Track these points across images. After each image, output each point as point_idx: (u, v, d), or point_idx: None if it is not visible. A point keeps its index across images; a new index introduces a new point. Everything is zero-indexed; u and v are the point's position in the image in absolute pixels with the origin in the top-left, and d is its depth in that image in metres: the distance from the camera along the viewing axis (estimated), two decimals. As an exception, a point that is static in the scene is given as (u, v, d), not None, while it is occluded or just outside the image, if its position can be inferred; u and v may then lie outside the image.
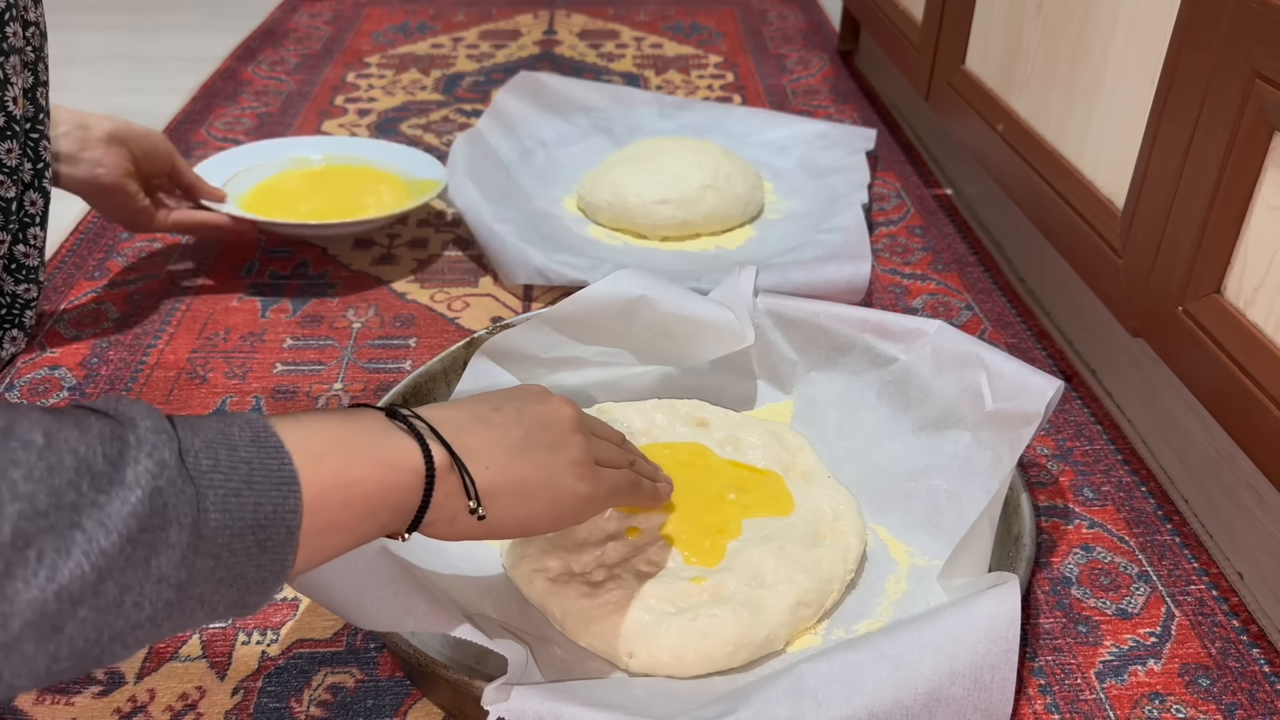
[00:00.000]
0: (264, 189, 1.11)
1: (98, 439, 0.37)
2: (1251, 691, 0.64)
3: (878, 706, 0.53)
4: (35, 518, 0.34)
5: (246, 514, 0.41)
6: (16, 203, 0.67)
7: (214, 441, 0.41)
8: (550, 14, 1.84)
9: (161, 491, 0.38)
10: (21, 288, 0.68)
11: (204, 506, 0.39)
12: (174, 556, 0.38)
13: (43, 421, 0.36)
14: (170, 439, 0.39)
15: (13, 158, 0.66)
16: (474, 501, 0.51)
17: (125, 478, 0.37)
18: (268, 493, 0.42)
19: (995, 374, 0.71)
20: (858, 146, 1.24)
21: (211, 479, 0.40)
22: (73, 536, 0.35)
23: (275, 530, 0.42)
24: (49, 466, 0.35)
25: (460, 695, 0.57)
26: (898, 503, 0.73)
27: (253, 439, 0.43)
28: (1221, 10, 0.65)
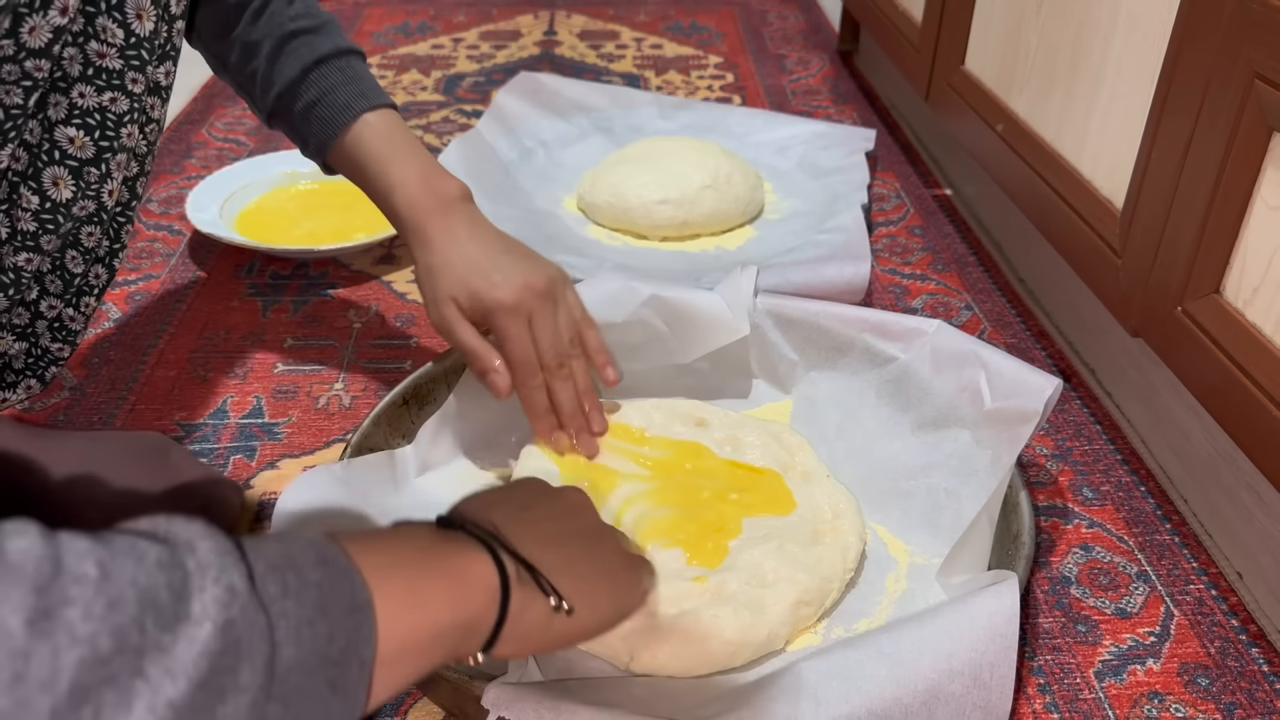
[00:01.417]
0: (259, 210, 1.12)
1: (156, 567, 0.32)
2: (1250, 691, 0.64)
3: (877, 704, 0.54)
4: (96, 666, 0.29)
5: (320, 647, 0.35)
6: (81, 276, 0.67)
7: (278, 563, 0.35)
8: (550, 15, 1.84)
9: (234, 624, 0.32)
10: (56, 346, 0.69)
11: (277, 640, 0.33)
12: (243, 703, 0.32)
13: (92, 551, 0.30)
14: (237, 560, 0.34)
15: (92, 240, 0.66)
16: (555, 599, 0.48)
17: (191, 611, 0.31)
18: (340, 621, 0.36)
19: (994, 373, 0.71)
20: (857, 147, 1.24)
21: (282, 607, 0.34)
22: (134, 688, 0.29)
23: (348, 666, 0.36)
24: (109, 602, 0.30)
25: (461, 695, 0.57)
26: (897, 501, 0.74)
27: (318, 559, 0.37)
28: (1221, 11, 0.65)
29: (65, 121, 0.61)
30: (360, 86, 0.73)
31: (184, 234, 1.12)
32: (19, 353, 0.68)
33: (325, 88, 0.72)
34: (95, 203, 0.64)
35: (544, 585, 0.48)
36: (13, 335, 0.67)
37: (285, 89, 0.73)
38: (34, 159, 0.61)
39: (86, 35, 0.59)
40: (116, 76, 0.61)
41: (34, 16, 0.55)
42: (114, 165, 0.63)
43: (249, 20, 0.73)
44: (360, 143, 0.72)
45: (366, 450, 0.73)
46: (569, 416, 0.72)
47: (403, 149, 0.72)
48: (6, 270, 0.62)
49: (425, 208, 0.71)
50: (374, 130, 0.72)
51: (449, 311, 0.70)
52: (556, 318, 0.71)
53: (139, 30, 0.61)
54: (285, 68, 0.72)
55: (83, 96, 0.61)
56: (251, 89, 0.75)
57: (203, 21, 0.75)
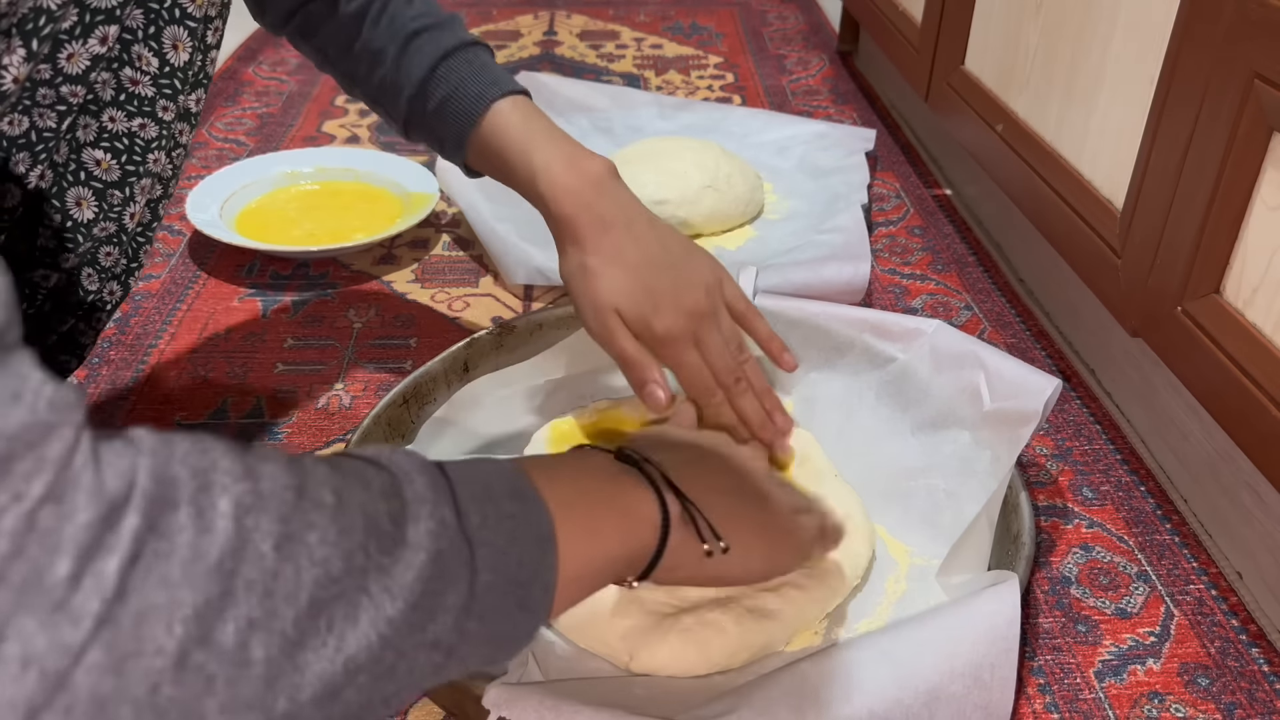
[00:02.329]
0: (259, 210, 1.12)
1: (380, 495, 0.36)
2: (1250, 691, 0.64)
3: (878, 705, 0.54)
4: (329, 584, 0.32)
5: (510, 572, 0.39)
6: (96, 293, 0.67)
7: (480, 495, 0.40)
8: (550, 15, 1.84)
9: (444, 554, 0.36)
10: (63, 358, 0.69)
11: (477, 566, 0.37)
12: (449, 621, 0.36)
13: (330, 479, 0.34)
14: (447, 496, 0.38)
15: (109, 259, 0.66)
16: (711, 543, 0.52)
17: (409, 538, 0.35)
18: (529, 549, 0.41)
19: (994, 373, 0.71)
20: (857, 147, 1.24)
21: (483, 536, 0.38)
22: (360, 603, 0.33)
23: (534, 588, 0.41)
24: (341, 529, 0.33)
25: (461, 695, 0.57)
26: (897, 502, 0.74)
27: (511, 491, 0.41)
28: (1221, 11, 0.65)
29: (94, 144, 0.61)
30: (491, 75, 0.71)
31: (184, 234, 1.12)
32: None
33: (455, 81, 0.70)
34: (116, 224, 0.64)
35: (700, 527, 0.52)
36: None
37: (416, 90, 0.71)
38: (59, 178, 0.61)
39: (121, 62, 0.59)
40: (148, 104, 0.61)
41: (74, 44, 0.55)
42: (138, 189, 0.63)
43: (370, 27, 0.71)
44: (497, 131, 0.70)
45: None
46: (759, 427, 0.71)
47: (541, 132, 0.70)
48: (23, 285, 0.62)
49: (573, 190, 0.68)
50: (510, 117, 0.70)
51: (611, 321, 0.67)
52: (722, 330, 0.70)
53: (174, 60, 0.61)
54: (413, 67, 0.71)
55: (113, 121, 0.61)
56: (383, 98, 0.73)
57: (325, 40, 0.74)
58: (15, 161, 0.57)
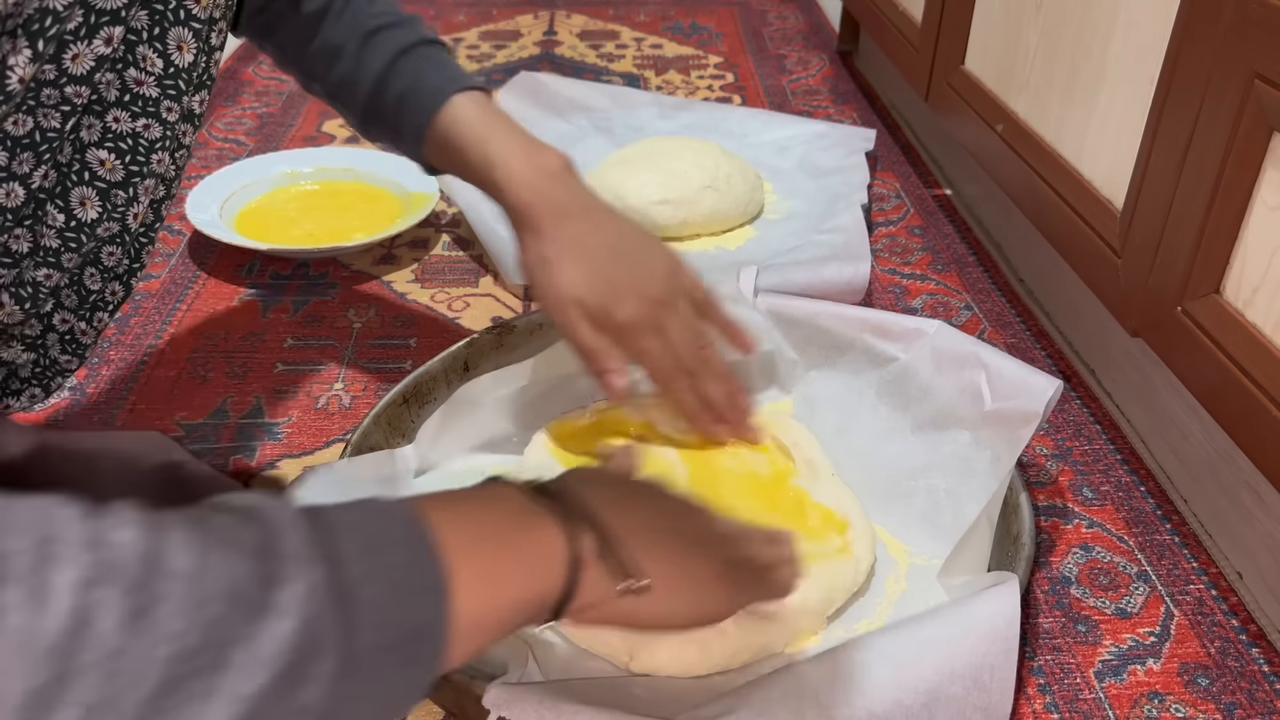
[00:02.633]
0: (259, 210, 1.12)
1: (248, 557, 0.33)
2: (1251, 691, 0.64)
3: (877, 706, 0.54)
4: (182, 660, 0.30)
5: (396, 628, 0.37)
6: (98, 293, 0.67)
7: (363, 545, 0.37)
8: (550, 15, 1.84)
9: (316, 619, 0.34)
10: (64, 358, 0.69)
11: (355, 626, 0.35)
12: (321, 687, 0.34)
13: (190, 543, 0.32)
14: (323, 554, 0.35)
15: (112, 259, 0.66)
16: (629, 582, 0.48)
17: (278, 603, 0.33)
18: (417, 602, 0.38)
19: (994, 373, 0.71)
20: (857, 147, 1.24)
21: (363, 593, 0.36)
22: (218, 678, 0.31)
23: (423, 644, 0.38)
24: (198, 599, 0.31)
25: (462, 695, 0.57)
26: (897, 502, 0.74)
27: (402, 538, 0.39)
28: (1221, 11, 0.65)
29: (98, 144, 0.61)
30: (449, 71, 0.72)
31: (184, 234, 1.12)
32: (26, 363, 0.68)
33: (413, 76, 0.71)
34: (120, 224, 0.64)
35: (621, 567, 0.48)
36: (22, 346, 0.67)
37: (374, 85, 0.71)
38: (63, 178, 0.61)
39: (126, 62, 0.59)
40: (152, 104, 0.61)
41: (78, 44, 0.55)
42: (142, 190, 0.63)
43: (330, 24, 0.72)
44: (455, 124, 0.70)
45: (366, 449, 0.73)
46: (725, 410, 0.72)
47: (499, 125, 0.70)
48: (25, 284, 0.62)
49: (530, 183, 0.68)
50: (468, 110, 0.70)
51: (573, 312, 0.68)
52: (683, 317, 0.70)
53: (178, 61, 0.61)
54: (372, 62, 0.71)
55: (117, 121, 0.61)
56: (342, 93, 0.74)
57: (285, 38, 0.74)
58: (19, 161, 0.57)
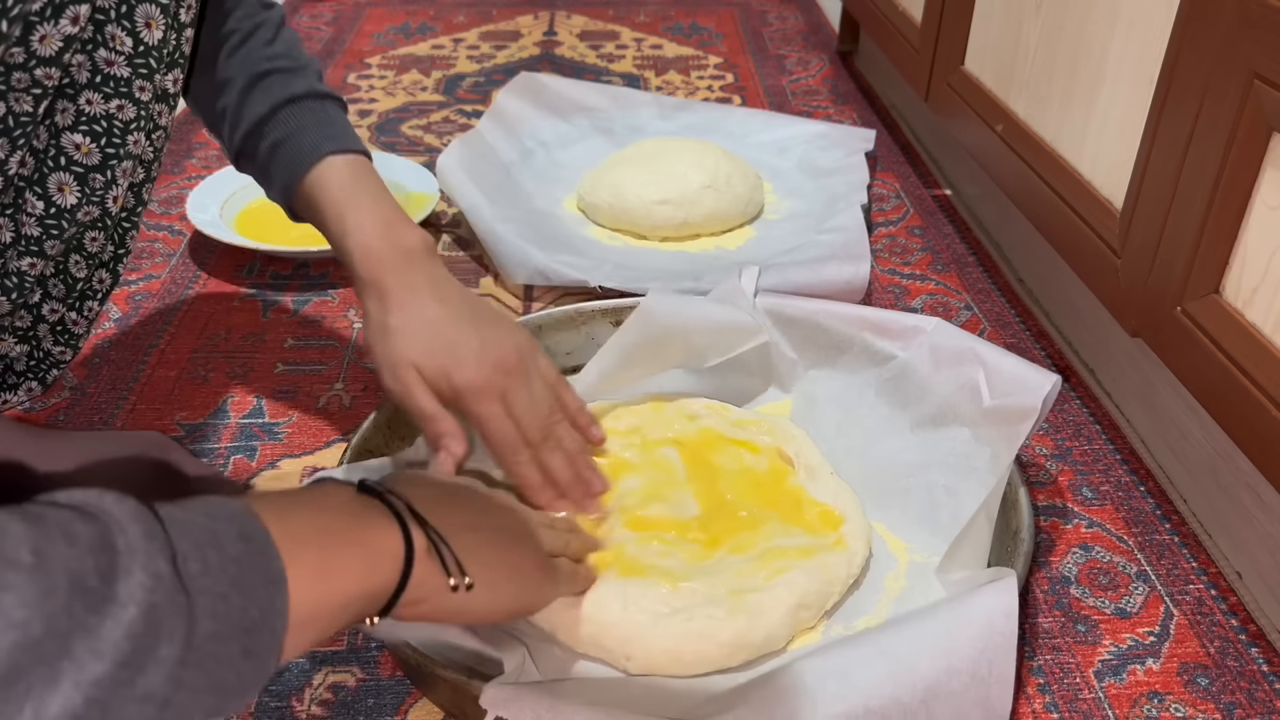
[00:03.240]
0: (259, 210, 1.12)
1: (88, 550, 0.34)
2: (1250, 690, 0.64)
3: (876, 702, 0.54)
4: (27, 649, 0.31)
5: (234, 619, 0.38)
6: (84, 280, 0.67)
7: (202, 541, 0.38)
8: (550, 15, 1.84)
9: (156, 607, 0.35)
10: (58, 349, 0.69)
11: (195, 615, 0.36)
12: (162, 673, 0.35)
13: (28, 537, 0.33)
14: (163, 545, 0.36)
15: (95, 245, 0.66)
16: (456, 578, 0.50)
17: (118, 594, 0.34)
18: (255, 594, 0.39)
19: (993, 370, 0.71)
20: (857, 147, 1.24)
21: (202, 584, 0.37)
22: (61, 666, 0.32)
23: (261, 635, 0.39)
24: (41, 590, 0.32)
25: (460, 695, 0.57)
26: (896, 499, 0.74)
27: (239, 534, 0.40)
28: (1221, 11, 0.65)
29: (72, 128, 0.61)
30: (331, 130, 0.70)
31: (184, 234, 1.12)
32: (20, 355, 0.68)
33: (294, 127, 0.69)
34: (100, 208, 0.64)
35: (446, 562, 0.50)
36: (14, 338, 0.67)
37: (253, 126, 0.69)
38: (40, 164, 0.61)
39: (95, 43, 0.59)
40: (124, 84, 0.61)
41: (45, 25, 0.55)
42: (120, 172, 0.63)
43: (225, 57, 0.70)
44: (321, 186, 0.68)
45: (366, 451, 0.73)
46: (569, 486, 0.68)
47: (365, 195, 0.68)
48: (9, 274, 0.62)
49: (380, 257, 0.66)
50: (338, 174, 0.68)
51: (408, 376, 0.65)
52: (532, 389, 0.67)
53: (148, 39, 0.61)
54: (255, 104, 0.69)
55: (90, 104, 0.61)
56: (221, 126, 0.72)
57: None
58: None
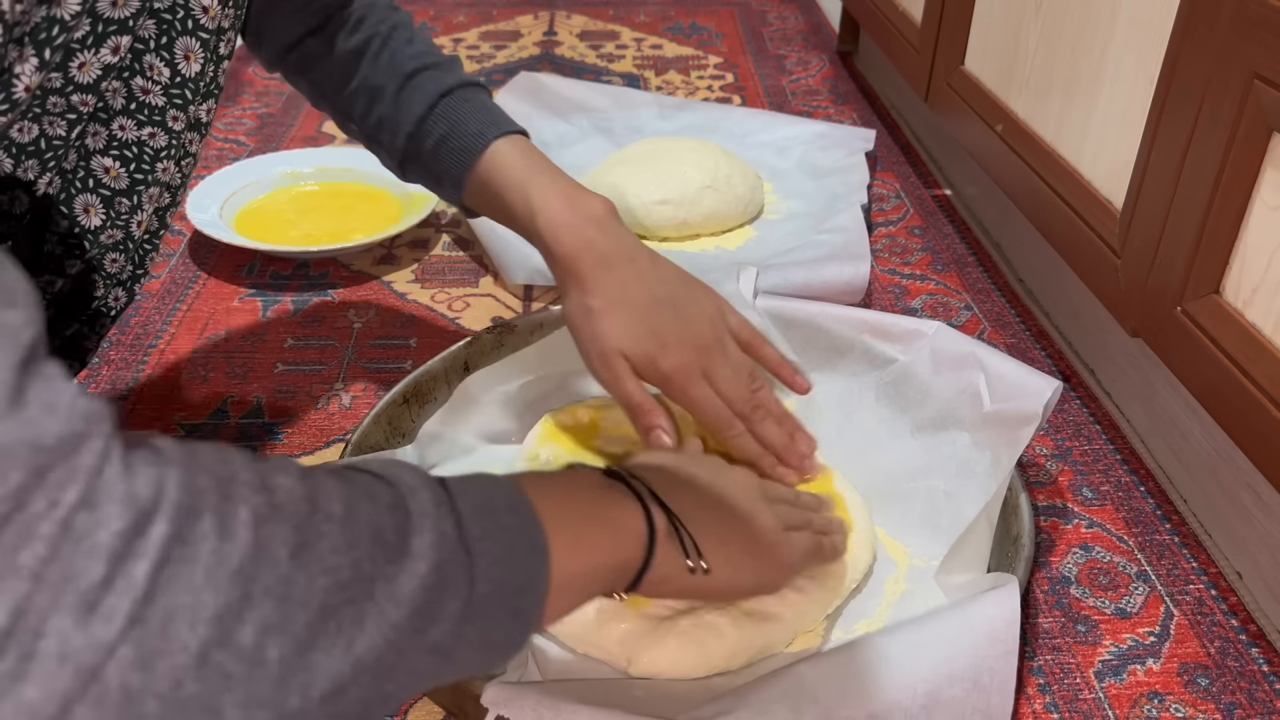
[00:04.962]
0: (259, 210, 1.12)
1: (387, 507, 0.38)
2: (1250, 691, 0.64)
3: (876, 707, 0.53)
4: (338, 590, 0.34)
5: (506, 582, 0.41)
6: (100, 299, 0.67)
7: (479, 507, 0.41)
8: (550, 15, 1.84)
9: (444, 564, 0.38)
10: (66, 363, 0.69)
11: (475, 576, 0.39)
12: (447, 627, 0.38)
13: (339, 491, 0.36)
14: (449, 510, 0.40)
15: (115, 266, 0.66)
16: (692, 560, 0.53)
17: (412, 548, 0.37)
18: (524, 561, 0.42)
19: (994, 375, 0.71)
20: (857, 147, 1.24)
21: (481, 548, 0.40)
22: (367, 609, 0.35)
23: (527, 597, 0.43)
24: (349, 539, 0.35)
25: (461, 694, 0.57)
26: (896, 503, 0.74)
27: (509, 505, 0.43)
28: (1221, 11, 0.65)
29: (103, 152, 0.61)
30: (491, 115, 0.71)
31: (184, 234, 1.12)
32: None
33: (454, 120, 0.70)
34: (123, 232, 0.64)
35: (685, 543, 0.52)
36: None
37: (414, 127, 0.70)
38: (68, 185, 0.61)
39: (133, 71, 0.59)
40: (158, 113, 0.61)
41: (85, 53, 0.55)
42: (146, 198, 0.63)
43: (369, 64, 0.71)
44: (495, 169, 0.69)
45: (366, 449, 0.73)
46: (785, 451, 0.70)
47: (541, 173, 0.70)
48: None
49: (574, 229, 0.67)
50: (509, 156, 0.70)
51: (618, 365, 0.67)
52: (731, 361, 0.69)
53: (185, 70, 0.61)
54: (412, 104, 0.70)
55: (123, 129, 0.61)
56: (380, 135, 0.73)
57: (321, 76, 0.73)
58: (24, 168, 0.57)
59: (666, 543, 0.52)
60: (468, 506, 0.41)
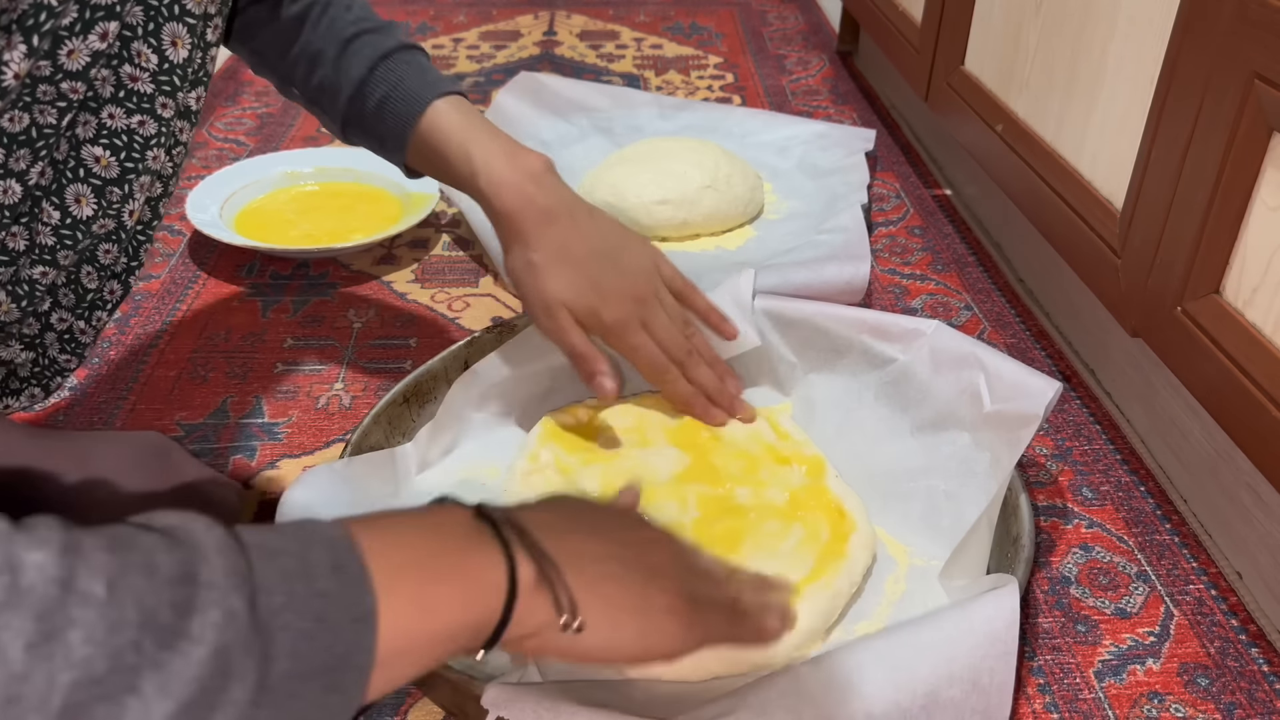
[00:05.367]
0: (259, 210, 1.13)
1: (165, 583, 0.33)
2: (1250, 691, 0.64)
3: (876, 708, 0.53)
4: (90, 685, 0.30)
5: (317, 657, 0.36)
6: (95, 291, 0.67)
7: (290, 572, 0.37)
8: (550, 15, 1.84)
9: (228, 648, 0.34)
10: (64, 358, 0.69)
11: (272, 655, 0.35)
12: (232, 714, 0.34)
13: (106, 567, 0.32)
14: (243, 581, 0.35)
15: (109, 257, 0.66)
16: (566, 616, 0.46)
17: (191, 630, 0.33)
18: (341, 631, 0.37)
19: (994, 375, 0.71)
20: (857, 147, 1.24)
21: (284, 620, 0.36)
22: (127, 704, 0.31)
23: (345, 672, 0.38)
24: (110, 625, 0.31)
25: (461, 695, 0.57)
26: (896, 503, 0.74)
27: (333, 565, 0.38)
28: (1221, 11, 0.65)
29: (93, 141, 0.61)
30: (428, 76, 0.72)
31: (184, 234, 1.12)
32: (25, 362, 0.68)
33: (394, 81, 0.71)
34: (115, 221, 0.64)
35: (559, 596, 0.46)
36: (21, 345, 0.67)
37: (355, 90, 0.72)
38: (59, 175, 0.61)
39: (121, 59, 0.59)
40: (147, 100, 0.61)
41: (74, 40, 0.55)
42: (137, 186, 0.63)
43: (310, 30, 0.72)
44: (436, 129, 0.71)
45: (366, 449, 0.73)
46: (718, 393, 0.76)
47: (482, 130, 0.72)
48: (21, 282, 0.62)
49: (515, 185, 0.70)
50: (449, 116, 0.71)
51: (562, 317, 0.71)
52: (666, 309, 0.74)
53: (173, 56, 0.61)
54: (352, 68, 0.72)
55: (112, 118, 0.61)
56: (321, 99, 0.74)
57: (263, 44, 0.74)
58: (15, 158, 0.57)
59: (534, 595, 0.45)
60: (273, 572, 0.36)
